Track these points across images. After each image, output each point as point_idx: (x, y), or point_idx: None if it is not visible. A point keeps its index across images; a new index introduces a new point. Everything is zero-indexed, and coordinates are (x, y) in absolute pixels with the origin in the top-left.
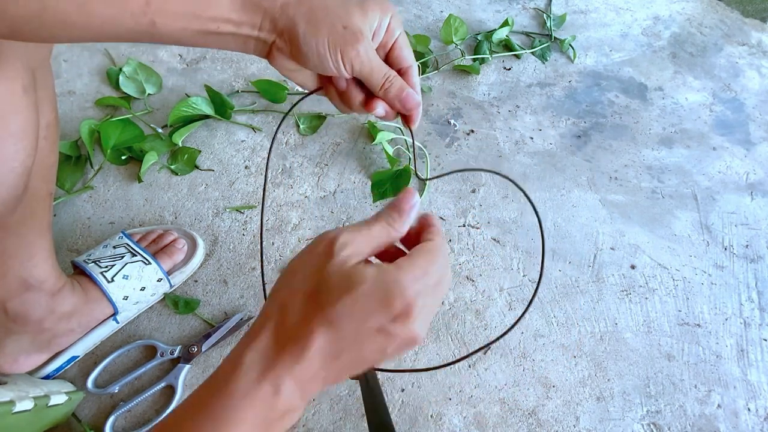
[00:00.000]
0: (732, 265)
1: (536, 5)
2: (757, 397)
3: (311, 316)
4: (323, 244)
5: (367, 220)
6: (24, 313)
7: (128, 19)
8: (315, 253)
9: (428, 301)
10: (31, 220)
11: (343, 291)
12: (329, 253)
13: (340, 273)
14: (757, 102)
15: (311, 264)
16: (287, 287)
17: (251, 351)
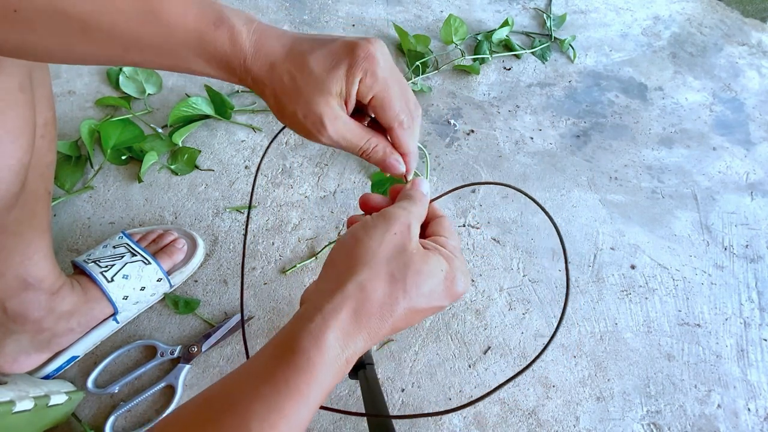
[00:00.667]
0: (732, 265)
1: (536, 5)
2: (757, 397)
3: (396, 299)
4: (400, 225)
5: (406, 200)
6: (23, 312)
7: (108, 59)
8: (392, 233)
9: None
10: (29, 219)
11: (429, 277)
12: (407, 236)
13: (421, 256)
14: (757, 102)
15: (391, 246)
16: (368, 268)
17: (332, 329)
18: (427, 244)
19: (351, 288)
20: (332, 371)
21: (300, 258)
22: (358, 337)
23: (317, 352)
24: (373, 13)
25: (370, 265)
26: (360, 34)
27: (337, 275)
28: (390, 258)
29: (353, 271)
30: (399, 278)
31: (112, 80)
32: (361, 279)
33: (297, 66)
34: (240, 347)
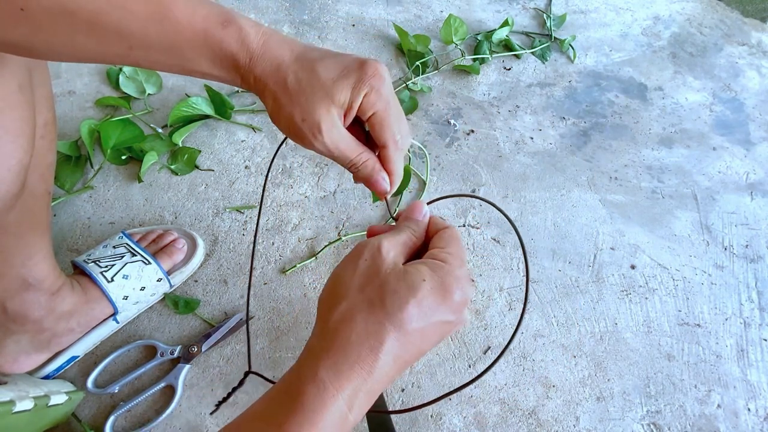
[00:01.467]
0: (732, 265)
1: (536, 5)
2: (757, 397)
3: (381, 323)
4: (369, 250)
5: (391, 232)
6: (23, 312)
7: (112, 57)
8: (363, 259)
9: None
10: (29, 219)
11: (408, 292)
12: (379, 258)
13: (396, 274)
14: (757, 102)
15: (365, 271)
16: (346, 299)
17: (325, 369)
18: (412, 262)
19: (333, 323)
20: (333, 417)
21: (300, 258)
22: (353, 374)
23: (313, 394)
24: (373, 13)
25: (347, 296)
26: (360, 34)
27: (322, 315)
28: (364, 285)
29: (334, 307)
30: (377, 302)
31: (112, 80)
32: (341, 311)
33: (305, 69)
34: (240, 347)
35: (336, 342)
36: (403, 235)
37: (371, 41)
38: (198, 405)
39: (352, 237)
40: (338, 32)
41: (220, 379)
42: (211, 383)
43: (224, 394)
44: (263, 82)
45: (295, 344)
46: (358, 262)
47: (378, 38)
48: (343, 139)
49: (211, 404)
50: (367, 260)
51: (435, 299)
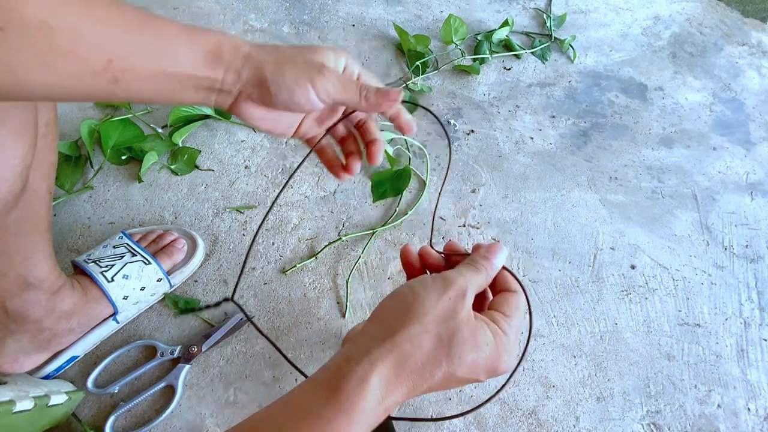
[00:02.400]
0: (732, 265)
1: (536, 5)
2: (757, 397)
3: (439, 361)
4: (455, 291)
5: (466, 265)
6: (23, 312)
7: (90, 78)
8: (447, 297)
9: None
10: (30, 218)
11: (472, 350)
12: (461, 304)
13: (469, 327)
14: (757, 102)
15: (446, 309)
16: (419, 323)
17: (377, 375)
18: (480, 316)
19: (401, 339)
20: (370, 417)
21: (300, 258)
22: (399, 388)
23: (360, 395)
24: (373, 13)
25: (422, 321)
26: (360, 34)
27: (388, 324)
28: (441, 320)
29: (405, 323)
30: (445, 342)
31: None
32: (412, 333)
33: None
34: (240, 347)
35: (396, 356)
36: (480, 278)
37: (371, 41)
38: (198, 405)
39: (352, 237)
40: (338, 32)
41: (220, 379)
42: (211, 383)
43: (225, 395)
44: (257, 54)
45: (295, 344)
46: (443, 296)
47: (378, 38)
48: (344, 78)
49: (212, 404)
50: (451, 299)
51: (486, 364)
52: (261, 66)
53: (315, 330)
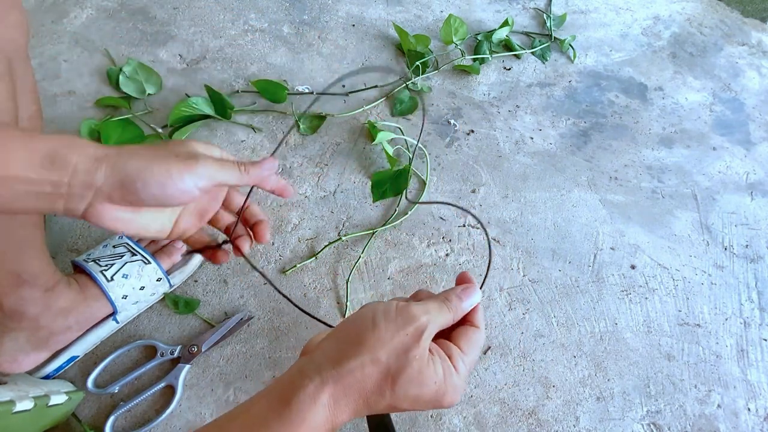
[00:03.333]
0: (732, 265)
1: (536, 5)
2: (757, 397)
3: (383, 393)
4: (414, 329)
5: (437, 302)
6: (19, 309)
7: None
8: (403, 333)
9: None
10: (21, 214)
11: (416, 386)
12: (416, 342)
13: (419, 364)
14: (757, 102)
15: (398, 344)
16: (370, 353)
17: (326, 394)
18: (436, 350)
19: (353, 365)
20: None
21: (300, 258)
22: (345, 409)
23: (309, 412)
24: (373, 13)
25: (374, 352)
26: (360, 34)
27: (344, 347)
28: (392, 354)
29: (359, 351)
30: (392, 376)
31: (112, 80)
32: (363, 361)
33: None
34: (240, 347)
35: (346, 381)
36: (445, 318)
37: (371, 41)
38: (198, 405)
39: (352, 237)
40: (338, 32)
41: (220, 379)
42: (211, 383)
43: (225, 395)
44: (114, 157)
45: (296, 344)
46: (400, 331)
47: (378, 38)
48: (221, 160)
49: (212, 404)
50: (408, 336)
51: (429, 399)
52: (122, 165)
53: (315, 330)
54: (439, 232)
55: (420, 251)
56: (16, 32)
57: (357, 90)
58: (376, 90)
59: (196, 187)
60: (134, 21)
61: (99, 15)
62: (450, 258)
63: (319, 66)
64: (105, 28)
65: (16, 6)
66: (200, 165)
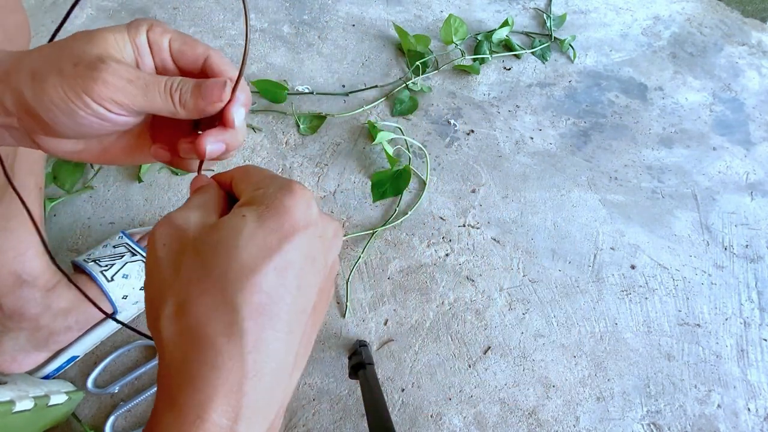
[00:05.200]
0: (732, 265)
1: (536, 5)
2: (757, 397)
3: (222, 291)
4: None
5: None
6: (19, 309)
7: None
8: (161, 244)
9: None
10: (20, 214)
11: (232, 234)
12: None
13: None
14: (757, 102)
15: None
16: (167, 300)
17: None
18: None
19: (168, 338)
20: None
21: None
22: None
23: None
24: (373, 13)
25: (166, 295)
26: (360, 34)
27: (157, 341)
28: (177, 267)
29: (158, 320)
30: (204, 272)
31: None
32: (169, 317)
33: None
34: None
35: (182, 352)
36: (197, 199)
37: (371, 41)
38: None
39: (352, 237)
40: (338, 32)
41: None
42: None
43: None
44: (14, 73)
45: None
46: (156, 254)
47: (378, 38)
48: (137, 71)
49: None
50: (166, 243)
51: (267, 222)
52: (19, 88)
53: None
54: (439, 232)
55: (420, 251)
56: (17, 34)
57: (357, 90)
58: (376, 90)
59: (110, 115)
60: None
61: (99, 15)
62: (450, 258)
63: (319, 66)
64: None
65: (18, 9)
66: (102, 85)
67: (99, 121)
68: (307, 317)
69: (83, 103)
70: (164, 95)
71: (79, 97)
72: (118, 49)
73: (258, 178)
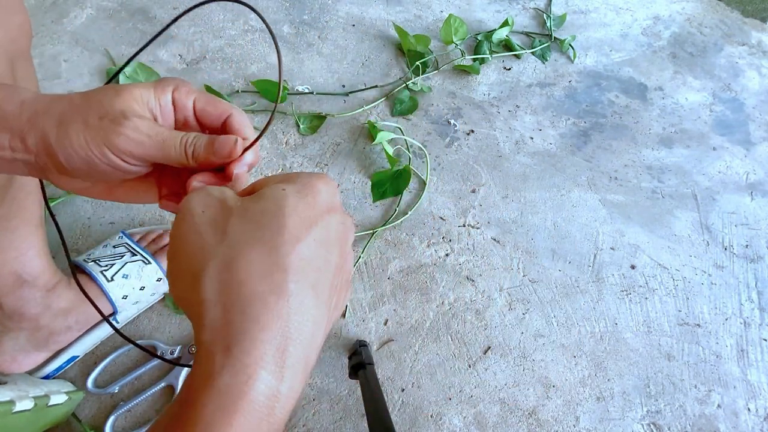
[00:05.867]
0: (732, 265)
1: (536, 5)
2: (757, 397)
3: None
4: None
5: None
6: (19, 309)
7: None
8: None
9: None
10: (20, 214)
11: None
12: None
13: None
14: (757, 102)
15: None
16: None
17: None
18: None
19: (209, 294)
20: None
21: None
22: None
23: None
24: (373, 13)
25: (209, 255)
26: (360, 34)
27: (190, 303)
28: (222, 229)
29: (199, 280)
30: (250, 233)
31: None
32: (213, 276)
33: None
34: None
35: (226, 309)
36: (214, 184)
37: (371, 41)
38: None
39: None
40: (338, 32)
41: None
42: None
43: None
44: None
45: None
46: (194, 219)
47: (378, 38)
48: (157, 126)
49: None
50: (205, 210)
51: (306, 198)
52: (45, 131)
53: None
54: (439, 232)
55: (420, 251)
56: (18, 34)
57: (357, 90)
58: (376, 90)
59: (126, 165)
60: (134, 21)
61: (99, 15)
62: (450, 258)
63: (319, 66)
64: (105, 28)
65: (19, 9)
66: (123, 138)
67: (112, 168)
68: (331, 291)
69: (102, 153)
70: (179, 149)
71: (99, 148)
72: (141, 104)
73: (285, 174)
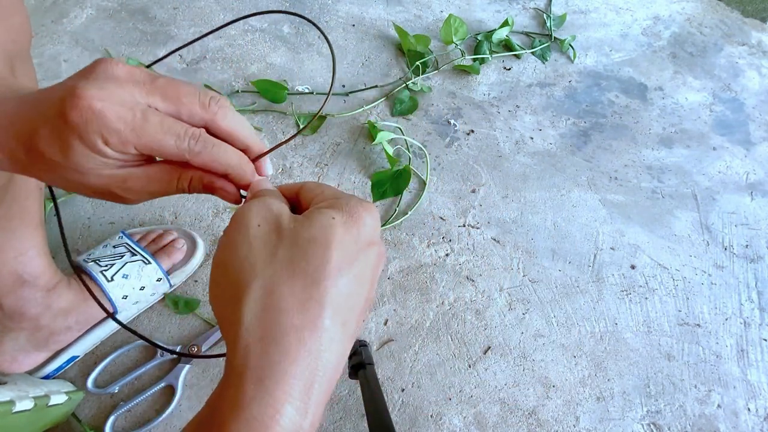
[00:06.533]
0: (732, 265)
1: (536, 5)
2: (757, 397)
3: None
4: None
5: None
6: (20, 309)
7: None
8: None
9: None
10: (21, 214)
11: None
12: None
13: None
14: (757, 102)
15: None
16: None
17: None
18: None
19: (251, 315)
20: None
21: None
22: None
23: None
24: (373, 13)
25: (255, 274)
26: (360, 34)
27: (227, 316)
28: (273, 249)
29: (242, 296)
30: (297, 261)
31: None
32: (256, 295)
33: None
34: None
35: (262, 336)
36: (271, 193)
37: (371, 41)
38: (198, 405)
39: None
40: (338, 32)
41: (221, 378)
42: (211, 383)
43: None
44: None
45: None
46: (249, 232)
47: (378, 38)
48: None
49: None
50: (261, 224)
51: (352, 231)
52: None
53: None
54: (439, 232)
55: (420, 251)
56: (18, 34)
57: (357, 90)
58: (376, 90)
59: (110, 150)
60: (134, 21)
61: (99, 15)
62: (450, 258)
63: (319, 66)
64: (105, 28)
65: (19, 9)
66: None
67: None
68: (357, 325)
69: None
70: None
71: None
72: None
73: (332, 190)
